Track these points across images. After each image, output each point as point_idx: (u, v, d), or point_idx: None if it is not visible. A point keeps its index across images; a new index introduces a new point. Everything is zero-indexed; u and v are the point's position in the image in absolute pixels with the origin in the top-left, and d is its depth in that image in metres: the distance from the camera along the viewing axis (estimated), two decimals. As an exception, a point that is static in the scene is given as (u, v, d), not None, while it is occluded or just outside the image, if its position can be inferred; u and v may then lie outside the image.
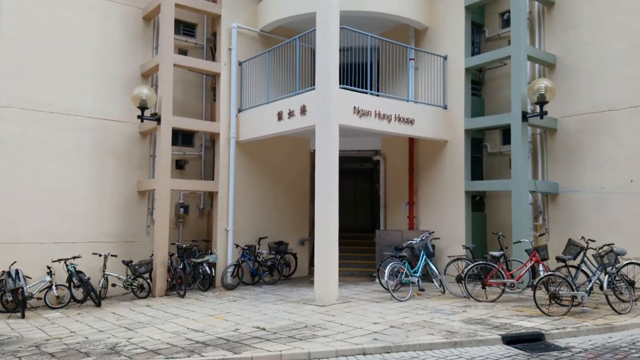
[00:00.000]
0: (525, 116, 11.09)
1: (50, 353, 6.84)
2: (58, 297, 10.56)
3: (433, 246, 11.42)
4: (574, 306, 8.37)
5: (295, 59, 11.60)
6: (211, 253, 12.12)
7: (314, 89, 10.24)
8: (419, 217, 13.20)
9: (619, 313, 8.19)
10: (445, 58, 12.59)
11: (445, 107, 12.58)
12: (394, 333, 7.25)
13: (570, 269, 8.77)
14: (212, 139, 13.40)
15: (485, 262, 10.02)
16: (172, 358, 6.33)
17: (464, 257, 10.86)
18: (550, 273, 8.63)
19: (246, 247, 12.30)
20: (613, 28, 11.12)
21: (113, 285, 11.41)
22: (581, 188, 11.42)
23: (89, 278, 10.60)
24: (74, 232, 11.45)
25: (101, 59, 12.15)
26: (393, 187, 13.95)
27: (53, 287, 10.44)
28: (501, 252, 10.05)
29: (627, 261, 9.02)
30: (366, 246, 14.15)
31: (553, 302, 8.42)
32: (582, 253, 9.02)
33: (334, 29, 9.93)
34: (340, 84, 10.34)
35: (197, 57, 13.32)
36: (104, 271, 11.20)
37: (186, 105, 13.43)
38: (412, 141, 13.38)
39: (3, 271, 10.07)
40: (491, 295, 9.83)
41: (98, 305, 10.34)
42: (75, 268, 10.58)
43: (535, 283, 8.68)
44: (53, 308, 10.32)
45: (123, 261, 11.45)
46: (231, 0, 12.82)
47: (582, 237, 9.38)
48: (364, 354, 6.53)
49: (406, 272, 10.28)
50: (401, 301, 9.73)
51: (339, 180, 9.99)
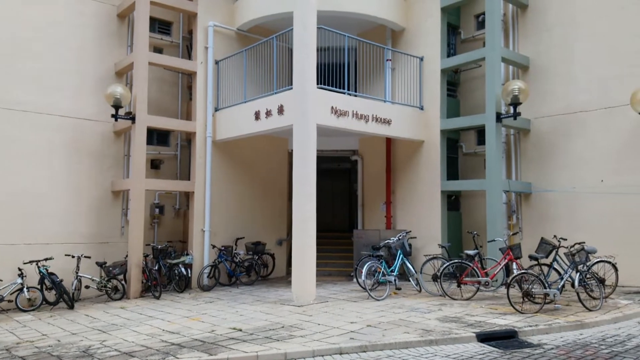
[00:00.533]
0: (499, 117, 11.27)
1: (21, 357, 6.68)
2: (30, 300, 10.32)
3: (410, 245, 11.53)
4: (547, 304, 8.54)
5: (272, 58, 11.57)
6: (187, 254, 11.99)
7: (292, 89, 10.23)
8: (396, 217, 13.30)
9: (590, 310, 8.38)
10: (421, 59, 12.71)
11: (421, 108, 12.70)
12: (371, 332, 7.29)
13: (542, 267, 8.96)
14: (188, 139, 13.27)
15: (460, 261, 10.15)
16: (147, 360, 6.26)
17: (440, 256, 10.98)
18: (523, 271, 8.79)
19: (223, 248, 12.21)
20: (584, 31, 11.39)
21: (86, 287, 11.20)
22: (553, 187, 11.66)
23: (62, 280, 10.39)
24: (46, 233, 11.21)
25: (74, 57, 11.93)
26: (371, 187, 14.03)
27: (24, 290, 10.20)
28: (476, 251, 10.19)
29: (598, 259, 9.25)
30: (344, 246, 14.20)
31: (526, 300, 8.58)
32: (554, 251, 9.21)
33: (312, 29, 9.93)
34: (317, 84, 10.35)
35: (173, 56, 13.18)
36: (77, 273, 10.98)
37: (162, 104, 13.26)
38: (390, 141, 13.48)
39: (-29, 274, 9.81)
40: (466, 293, 9.96)
41: (71, 307, 10.16)
42: (47, 270, 10.36)
43: (508, 281, 8.83)
44: (24, 311, 10.08)
45: (97, 262, 11.25)
46: (208, -2, 12.73)
47: (555, 236, 9.59)
48: (341, 354, 6.55)
49: (383, 272, 10.35)
50: (378, 300, 9.78)
51: (317, 180, 10.00)
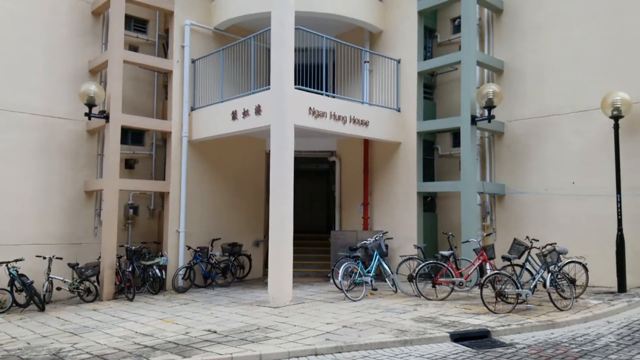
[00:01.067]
0: (474, 120, 11.42)
1: (-13, 361, 6.51)
2: (-1, 302, 10.07)
3: (386, 246, 11.60)
4: (519, 303, 8.68)
5: (250, 58, 11.51)
6: (162, 255, 11.85)
7: (269, 89, 10.19)
8: (373, 218, 13.37)
9: (561, 310, 8.55)
10: (398, 62, 12.81)
11: (398, 110, 12.80)
12: (346, 333, 7.31)
13: (515, 268, 9.11)
14: (164, 138, 13.11)
15: (435, 262, 10.26)
16: (119, 363, 6.16)
17: (416, 257, 11.08)
18: (496, 272, 8.92)
19: (198, 249, 12.09)
20: (557, 36, 11.63)
21: (58, 289, 10.98)
22: (526, 189, 11.88)
23: (32, 282, 10.15)
24: (17, 234, 10.96)
25: (47, 54, 11.70)
26: (348, 188, 14.07)
27: (-7, 292, 9.95)
28: (451, 252, 10.31)
29: (569, 260, 9.44)
30: (321, 247, 14.20)
31: (499, 300, 8.71)
32: (527, 252, 9.37)
33: (289, 29, 9.92)
34: (295, 85, 10.34)
35: (149, 54, 13.00)
36: (49, 274, 10.76)
37: (136, 102, 13.08)
38: (367, 143, 13.54)
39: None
40: (441, 293, 10.06)
41: (42, 309, 9.95)
42: (17, 271, 10.10)
43: (482, 281, 8.96)
44: (-7, 313, 9.84)
45: (69, 264, 11.03)
46: (185, -4, 12.60)
47: (527, 237, 9.76)
48: (316, 355, 6.54)
49: (360, 272, 10.39)
50: (354, 301, 9.81)
51: (295, 181, 9.99)
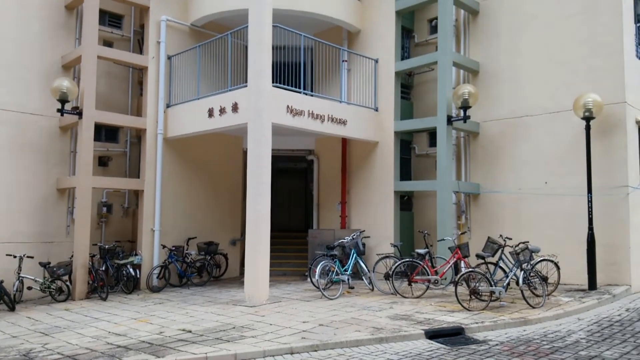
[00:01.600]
0: (450, 120, 11.55)
1: (-48, 363, 6.32)
2: (-34, 303, 9.79)
3: (364, 245, 11.64)
4: (493, 301, 8.82)
5: (227, 55, 11.41)
6: (136, 254, 11.68)
7: (247, 86, 10.12)
8: (351, 216, 13.41)
9: (533, 307, 8.71)
10: (376, 61, 12.87)
11: (376, 109, 12.86)
12: (323, 331, 7.32)
13: (489, 266, 9.25)
14: (138, 135, 12.91)
15: (411, 260, 10.34)
16: (90, 364, 6.04)
17: (392, 255, 11.15)
18: (470, 270, 9.04)
19: (174, 248, 11.95)
20: (531, 39, 11.84)
21: (29, 288, 10.74)
22: (500, 189, 12.07)
23: (3, 281, 9.95)
24: (-15, 233, 10.67)
25: (19, 49, 11.44)
26: (326, 187, 14.08)
27: (-39, 292, 9.68)
28: (426, 250, 10.41)
29: (541, 258, 9.62)
30: (299, 245, 14.18)
31: (473, 298, 8.83)
32: (500, 250, 9.52)
33: (267, 27, 9.87)
34: (273, 83, 10.29)
35: (124, 50, 12.78)
36: (19, 273, 10.55)
37: (111, 99, 12.86)
38: (345, 142, 13.57)
39: None
40: (417, 291, 10.15)
41: (12, 309, 9.74)
42: (-15, 271, 9.85)
43: (456, 279, 9.06)
44: (-41, 314, 9.56)
45: (40, 263, 10.79)
46: (161, -8, 12.43)
47: (501, 235, 9.91)
48: (292, 353, 6.54)
49: (337, 271, 10.42)
50: (331, 299, 9.83)
51: (273, 179, 9.96)
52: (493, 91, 12.34)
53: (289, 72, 11.54)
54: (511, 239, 9.76)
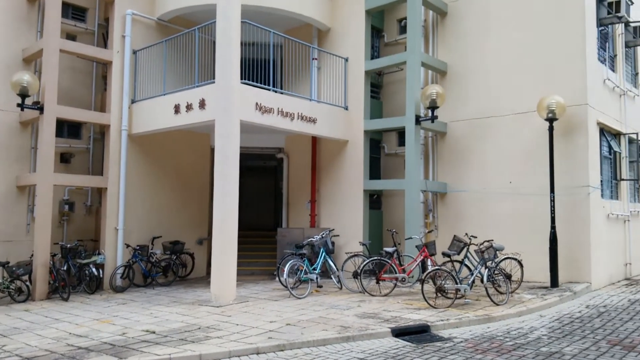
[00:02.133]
0: (418, 120, 11.65)
1: None
2: None
3: (333, 243, 11.64)
4: (458, 298, 8.94)
5: (194, 51, 11.22)
6: (99, 253, 11.38)
7: (214, 83, 9.96)
8: (321, 215, 13.39)
9: (497, 304, 8.87)
10: (346, 60, 12.87)
11: (346, 108, 12.87)
12: (290, 331, 7.27)
13: (454, 264, 9.36)
14: (102, 131, 12.58)
15: (379, 258, 10.39)
16: (48, 367, 5.85)
17: (361, 254, 11.19)
18: (436, 267, 9.14)
19: (138, 247, 11.69)
20: (498, 40, 12.05)
21: (-15, 289, 10.34)
22: (467, 188, 12.25)
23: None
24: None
25: (-25, 41, 10.98)
26: (296, 185, 14.02)
27: None
28: (394, 248, 10.48)
29: (505, 256, 9.81)
30: (268, 244, 14.08)
31: (439, 295, 8.94)
32: (466, 249, 9.66)
33: (235, 23, 9.74)
34: (242, 79, 10.18)
35: (88, 44, 12.41)
36: (-26, 274, 10.12)
37: (74, 94, 12.50)
38: (315, 140, 13.54)
39: None
40: (384, 289, 10.21)
41: (-34, 312, 9.33)
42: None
43: (423, 277, 9.15)
44: None
45: (-2, 262, 10.41)
46: (126, -15, 12.13)
47: (466, 234, 10.06)
48: (258, 353, 6.47)
49: (305, 270, 10.39)
50: (299, 298, 9.78)
51: (243, 177, 9.85)
52: (460, 92, 12.50)
53: (259, 69, 11.43)
54: (476, 237, 9.92)
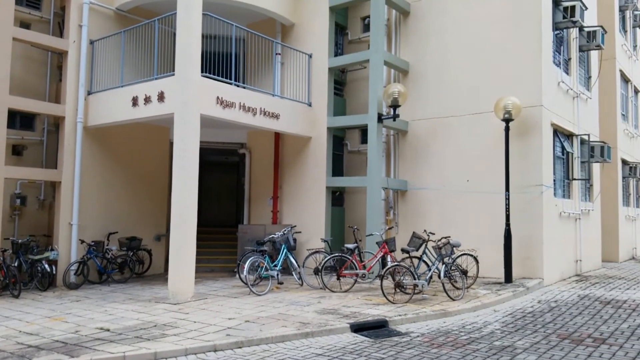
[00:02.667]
0: (380, 118, 11.76)
1: None
2: None
3: (295, 240, 11.60)
4: (416, 294, 9.09)
5: (154, 42, 10.96)
6: (52, 249, 11.00)
7: (174, 75, 9.76)
8: (283, 212, 13.34)
9: (454, 300, 9.06)
10: (310, 56, 12.85)
11: (309, 105, 12.85)
12: (248, 327, 7.22)
13: (413, 260, 9.51)
14: (57, 123, 12.14)
15: (340, 255, 10.44)
16: (-7, 367, 5.61)
17: (322, 250, 11.22)
18: (396, 264, 9.27)
19: (93, 243, 11.36)
20: (458, 41, 12.29)
21: None
22: (427, 185, 12.47)
23: None
24: None
25: None
26: (258, 181, 13.92)
27: None
28: (355, 245, 10.56)
29: (462, 252, 10.04)
30: (229, 241, 13.92)
31: (398, 291, 9.06)
32: (424, 245, 9.84)
33: (196, 14, 9.57)
34: (203, 72, 10.01)
35: (43, 32, 11.95)
36: None
37: (27, 84, 12.02)
38: (278, 136, 13.47)
39: None
40: (345, 285, 10.28)
41: None
42: None
43: (382, 273, 9.26)
44: None
45: (-57, 259, 9.92)
46: (83, -28, 11.72)
47: (425, 230, 10.24)
48: (215, 351, 6.40)
49: (266, 266, 10.32)
50: (260, 295, 9.73)
51: (203, 173, 9.72)
52: (421, 91, 12.69)
53: (220, 63, 11.26)
54: (434, 234, 10.11)
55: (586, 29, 13.31)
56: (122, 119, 10.98)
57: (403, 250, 9.45)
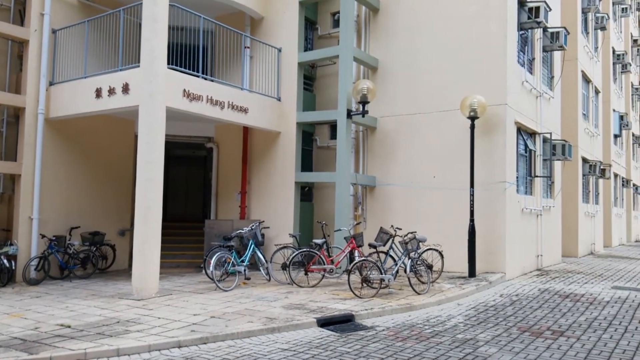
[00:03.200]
0: (349, 114, 11.81)
1: None
2: None
3: (263, 235, 11.55)
4: (382, 288, 9.19)
5: (119, 33, 10.70)
6: (11, 244, 10.64)
7: (139, 67, 9.55)
8: (251, 207, 13.26)
9: (419, 294, 9.21)
10: (279, 50, 12.78)
11: (279, 99, 12.79)
12: (214, 323, 7.16)
13: (380, 255, 9.61)
14: (17, 114, 11.71)
15: (308, 250, 10.46)
16: (-56, 367, 5.40)
17: (290, 245, 11.21)
18: (363, 258, 9.34)
19: (54, 238, 11.04)
20: (426, 39, 12.43)
21: None
22: (394, 181, 12.60)
23: None
24: None
25: None
26: (226, 176, 13.79)
27: None
28: (323, 240, 10.60)
29: (427, 247, 10.20)
30: (195, 236, 13.76)
31: (365, 285, 9.14)
32: (391, 240, 9.95)
33: (162, 5, 9.38)
34: (169, 64, 9.83)
35: (2, 20, 11.48)
36: None
37: (-16, 73, 11.55)
38: (247, 130, 13.36)
39: None
40: (312, 280, 10.30)
41: None
42: None
43: (349, 268, 9.32)
44: None
45: None
46: (45, -41, 11.32)
47: (392, 226, 10.35)
48: (179, 347, 6.32)
49: (233, 262, 10.25)
50: (226, 291, 9.66)
51: (169, 167, 9.55)
52: (390, 88, 12.79)
53: (188, 55, 11.07)
54: (401, 229, 10.23)
55: (550, 30, 13.66)
56: (85, 111, 10.68)
57: (370, 245, 9.53)
